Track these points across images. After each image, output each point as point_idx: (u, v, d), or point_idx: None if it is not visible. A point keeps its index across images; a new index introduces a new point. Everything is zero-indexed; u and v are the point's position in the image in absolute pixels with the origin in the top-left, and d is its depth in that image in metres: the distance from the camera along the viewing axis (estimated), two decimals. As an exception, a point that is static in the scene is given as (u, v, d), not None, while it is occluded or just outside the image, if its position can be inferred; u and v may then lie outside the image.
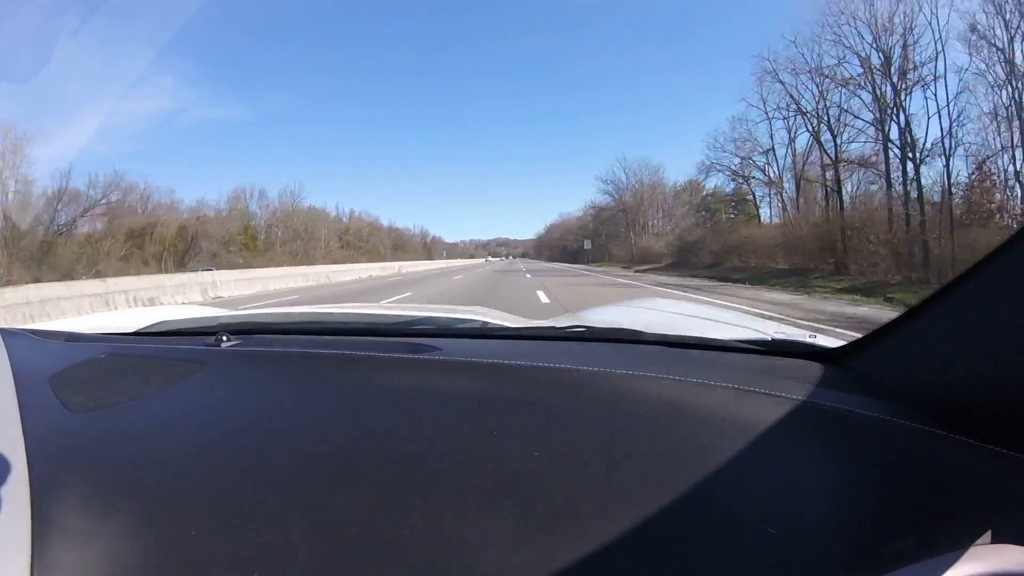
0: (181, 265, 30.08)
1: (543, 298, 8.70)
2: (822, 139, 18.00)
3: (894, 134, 15.21)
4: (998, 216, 12.57)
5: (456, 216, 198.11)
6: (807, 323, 5.35)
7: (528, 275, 18.59)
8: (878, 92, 15.51)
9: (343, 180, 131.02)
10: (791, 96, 19.30)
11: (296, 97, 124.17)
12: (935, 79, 14.16)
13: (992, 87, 13.47)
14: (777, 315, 5.89)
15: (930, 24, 13.92)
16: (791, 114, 19.97)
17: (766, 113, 21.65)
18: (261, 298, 11.72)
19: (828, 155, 17.42)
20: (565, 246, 68.78)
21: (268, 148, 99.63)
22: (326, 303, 1.54)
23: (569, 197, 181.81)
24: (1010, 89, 12.91)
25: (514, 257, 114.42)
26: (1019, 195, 13.09)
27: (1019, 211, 12.33)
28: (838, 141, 17.44)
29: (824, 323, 5.42)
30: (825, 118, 17.68)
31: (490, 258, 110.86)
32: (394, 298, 9.63)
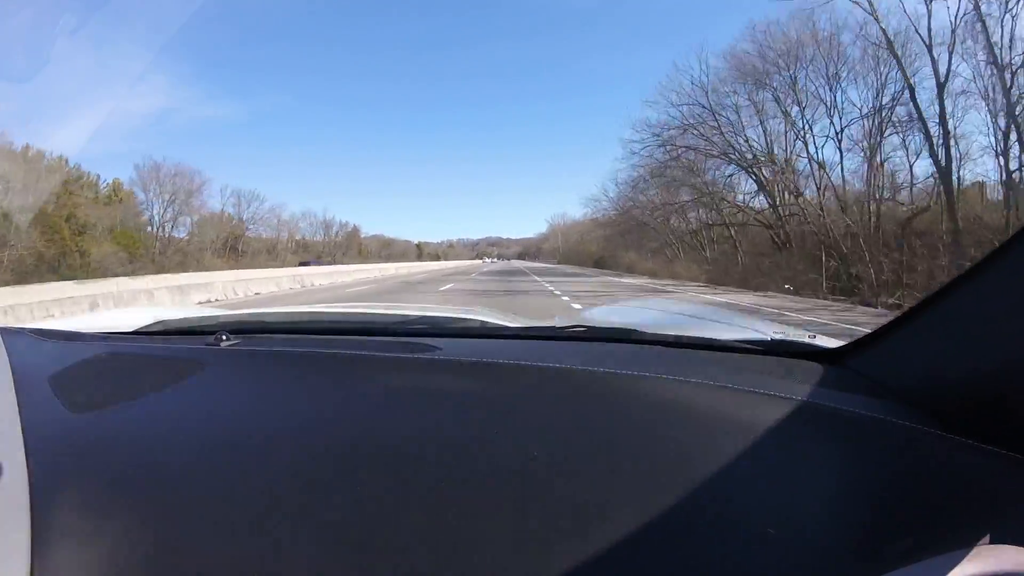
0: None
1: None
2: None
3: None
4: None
5: (445, 216, 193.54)
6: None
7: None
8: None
9: (334, 182, 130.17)
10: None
11: (287, 97, 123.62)
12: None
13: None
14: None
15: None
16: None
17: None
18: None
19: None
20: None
21: (260, 146, 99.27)
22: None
23: (568, 198, 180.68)
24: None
25: (507, 259, 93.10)
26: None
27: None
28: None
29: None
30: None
31: (486, 260, 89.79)
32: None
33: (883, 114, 13.73)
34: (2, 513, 0.33)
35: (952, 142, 11.80)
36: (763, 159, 17.45)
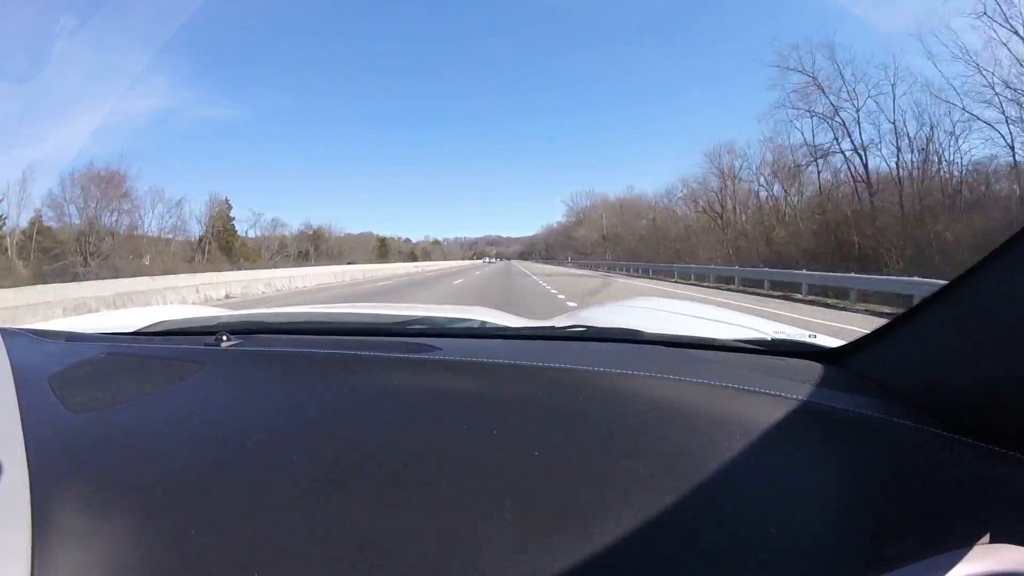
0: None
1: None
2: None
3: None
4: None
5: (443, 214, 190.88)
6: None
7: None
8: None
9: (330, 182, 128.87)
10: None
11: (287, 97, 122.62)
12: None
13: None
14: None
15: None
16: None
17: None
18: None
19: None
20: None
21: (259, 148, 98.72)
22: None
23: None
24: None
25: (507, 259, 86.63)
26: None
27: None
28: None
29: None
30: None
31: (486, 260, 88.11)
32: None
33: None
34: (2, 513, 0.33)
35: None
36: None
